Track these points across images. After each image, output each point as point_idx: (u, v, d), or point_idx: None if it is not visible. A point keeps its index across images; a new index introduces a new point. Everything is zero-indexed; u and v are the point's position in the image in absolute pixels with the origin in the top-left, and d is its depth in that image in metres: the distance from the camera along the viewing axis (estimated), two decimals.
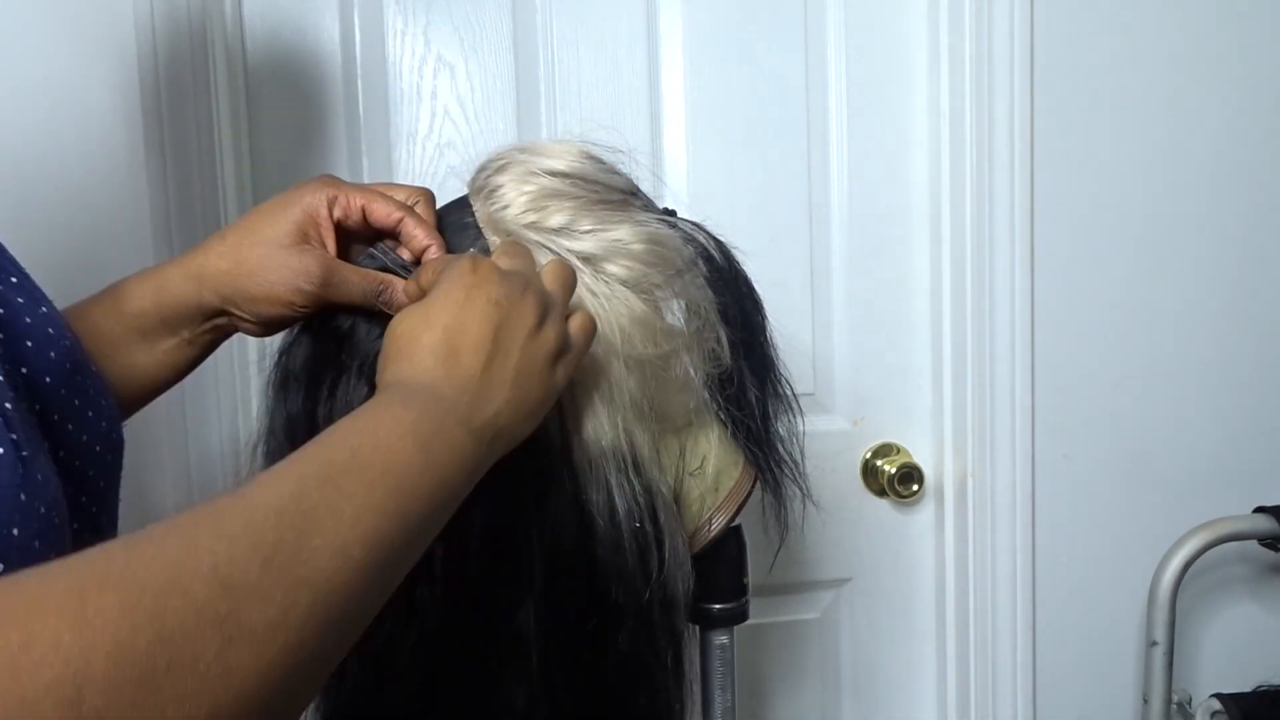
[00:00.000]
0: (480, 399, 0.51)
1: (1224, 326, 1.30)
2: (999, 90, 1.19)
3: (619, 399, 0.62)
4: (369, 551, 0.41)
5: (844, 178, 1.24)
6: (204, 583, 0.34)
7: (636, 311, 0.62)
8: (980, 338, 1.22)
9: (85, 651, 0.31)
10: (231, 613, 0.34)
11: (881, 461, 1.28)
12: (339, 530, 0.40)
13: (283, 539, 0.38)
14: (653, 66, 1.20)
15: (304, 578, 0.38)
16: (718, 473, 0.69)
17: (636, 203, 0.67)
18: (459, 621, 0.61)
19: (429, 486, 0.46)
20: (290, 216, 0.62)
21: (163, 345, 0.64)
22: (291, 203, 0.63)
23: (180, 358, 0.65)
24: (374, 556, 0.41)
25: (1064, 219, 1.24)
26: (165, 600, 0.33)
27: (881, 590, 1.31)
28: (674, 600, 0.66)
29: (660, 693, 0.66)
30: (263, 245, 0.62)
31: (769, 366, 0.72)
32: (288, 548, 0.38)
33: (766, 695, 1.30)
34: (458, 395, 0.50)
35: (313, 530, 0.39)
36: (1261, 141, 1.28)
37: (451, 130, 1.15)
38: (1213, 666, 1.35)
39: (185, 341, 0.65)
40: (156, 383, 0.66)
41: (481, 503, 0.60)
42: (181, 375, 0.67)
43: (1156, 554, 1.22)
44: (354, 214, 0.64)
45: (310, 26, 1.13)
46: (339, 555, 0.40)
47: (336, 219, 0.63)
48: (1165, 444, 1.30)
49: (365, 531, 0.41)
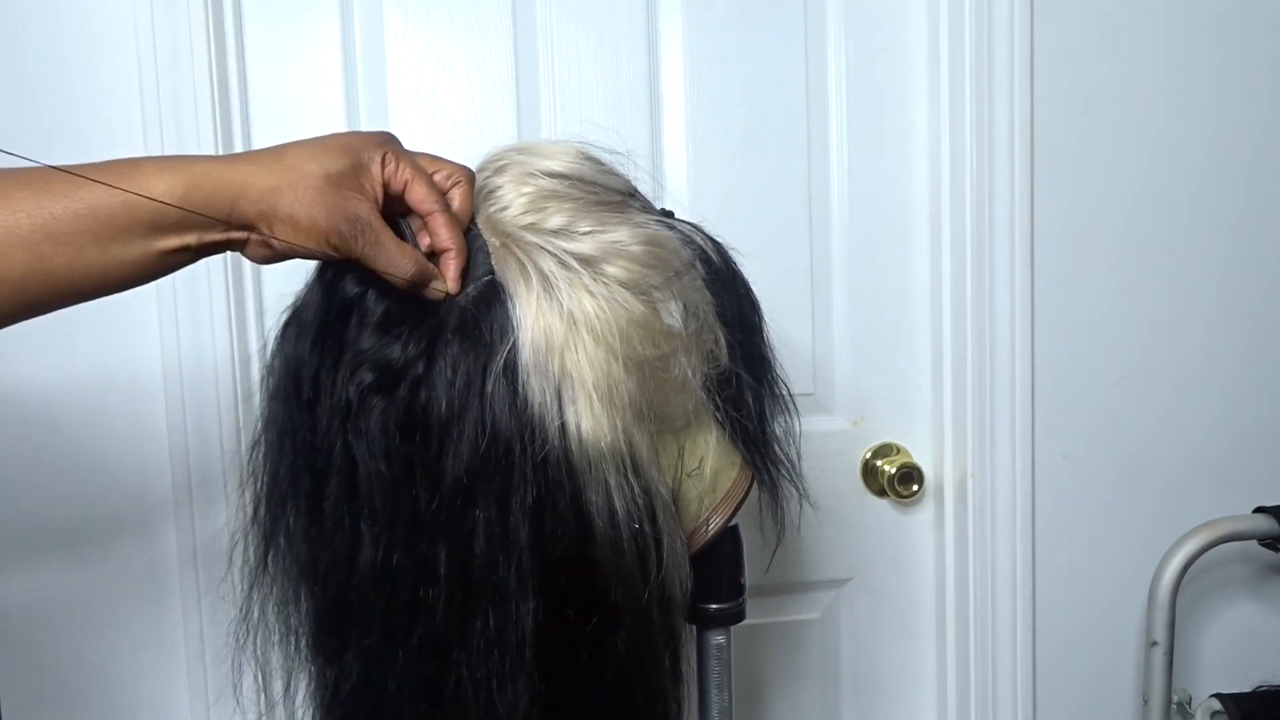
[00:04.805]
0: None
1: (1224, 326, 1.30)
2: (999, 90, 1.19)
3: (618, 400, 0.62)
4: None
5: (844, 178, 1.24)
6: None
7: (635, 313, 0.62)
8: (980, 338, 1.22)
9: None
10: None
11: (881, 462, 1.28)
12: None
13: None
14: (653, 66, 1.20)
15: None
16: (715, 473, 0.70)
17: (635, 204, 0.67)
18: (460, 622, 0.61)
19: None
20: (349, 159, 0.60)
21: (164, 245, 0.58)
22: (353, 148, 0.61)
23: (172, 263, 0.60)
24: None
25: (1064, 219, 1.24)
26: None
27: (881, 590, 1.31)
28: (672, 601, 0.66)
29: (658, 693, 0.66)
30: (320, 175, 0.59)
31: (766, 367, 0.72)
32: None
33: (766, 695, 1.30)
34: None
35: None
36: (1261, 142, 1.28)
37: (451, 130, 1.15)
38: (1213, 666, 1.35)
39: (188, 249, 0.59)
40: (125, 284, 0.60)
41: (482, 504, 0.60)
42: (148, 281, 0.61)
43: (1156, 554, 1.22)
44: (397, 184, 0.63)
45: (310, 26, 1.13)
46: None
47: (385, 179, 0.62)
48: (1165, 444, 1.30)
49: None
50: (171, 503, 1.09)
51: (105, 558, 1.09)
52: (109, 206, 0.56)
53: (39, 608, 1.08)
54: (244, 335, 1.11)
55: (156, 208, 0.56)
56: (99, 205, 0.56)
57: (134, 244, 0.57)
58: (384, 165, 0.62)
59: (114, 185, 0.56)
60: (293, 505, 0.65)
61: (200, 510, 1.09)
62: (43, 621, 1.08)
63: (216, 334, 1.08)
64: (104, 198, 0.56)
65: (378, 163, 0.62)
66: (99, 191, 0.55)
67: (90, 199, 0.55)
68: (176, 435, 1.08)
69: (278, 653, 0.69)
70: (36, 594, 1.08)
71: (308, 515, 0.64)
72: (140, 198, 0.56)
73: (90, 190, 0.55)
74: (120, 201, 0.56)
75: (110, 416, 1.08)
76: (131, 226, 0.57)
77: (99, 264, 0.57)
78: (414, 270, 0.61)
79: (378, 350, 0.61)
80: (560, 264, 0.62)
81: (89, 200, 0.55)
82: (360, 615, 0.63)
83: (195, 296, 1.07)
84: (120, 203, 0.56)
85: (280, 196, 0.58)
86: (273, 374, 0.66)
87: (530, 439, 0.60)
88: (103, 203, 0.56)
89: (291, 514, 0.66)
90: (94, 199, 0.56)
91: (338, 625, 0.64)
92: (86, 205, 0.56)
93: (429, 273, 0.62)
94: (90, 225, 0.56)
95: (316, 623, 0.66)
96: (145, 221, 0.57)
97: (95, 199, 0.56)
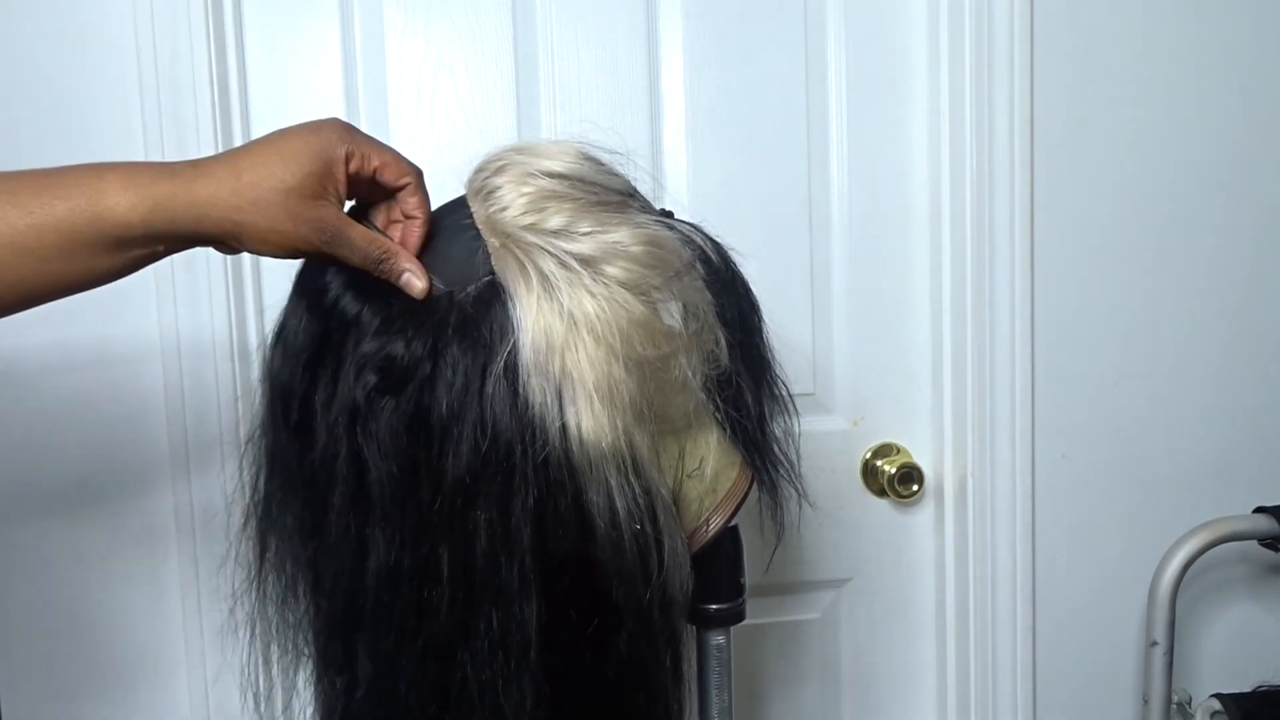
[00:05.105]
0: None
1: (1224, 326, 1.30)
2: (999, 90, 1.19)
3: (618, 400, 0.62)
4: None
5: (844, 178, 1.24)
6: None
7: (635, 313, 0.62)
8: (980, 338, 1.22)
9: None
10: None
11: (881, 462, 1.28)
12: None
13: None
14: (653, 66, 1.20)
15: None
16: (716, 474, 0.70)
17: (634, 204, 0.67)
18: (464, 623, 0.61)
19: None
20: (309, 166, 0.61)
21: (131, 255, 0.60)
22: (311, 153, 0.62)
23: (140, 265, 0.61)
24: None
25: (1064, 219, 1.24)
26: None
27: (881, 590, 1.31)
28: (673, 601, 0.66)
29: (659, 693, 0.66)
30: (282, 190, 0.60)
31: (765, 367, 0.72)
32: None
33: (766, 695, 1.30)
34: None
35: None
36: (1262, 141, 1.28)
37: (451, 130, 1.15)
38: (1213, 666, 1.35)
39: (157, 254, 0.61)
40: (98, 284, 0.61)
41: (484, 505, 0.60)
42: (122, 278, 0.62)
43: (1156, 554, 1.22)
44: (367, 171, 0.64)
45: (310, 26, 1.13)
46: None
47: (351, 172, 0.63)
48: (1165, 444, 1.30)
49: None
50: (171, 503, 1.09)
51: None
52: (73, 224, 0.57)
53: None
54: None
55: (122, 224, 0.57)
56: (64, 222, 0.57)
57: (100, 256, 0.58)
58: (348, 163, 0.63)
59: (80, 206, 0.56)
60: (288, 522, 0.66)
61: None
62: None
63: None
64: (68, 216, 0.56)
65: (341, 162, 0.62)
66: (64, 209, 0.56)
67: (55, 215, 0.56)
68: (176, 432, 1.08)
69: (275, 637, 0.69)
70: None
71: (310, 530, 0.64)
72: (107, 214, 0.57)
73: (54, 207, 0.56)
74: (85, 219, 0.57)
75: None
76: (97, 241, 0.58)
77: (66, 273, 0.58)
78: (377, 254, 0.63)
79: (382, 352, 0.61)
80: (560, 264, 0.62)
81: (54, 216, 0.56)
82: (372, 621, 0.63)
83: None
84: (85, 220, 0.57)
85: (244, 215, 0.60)
86: (262, 398, 0.66)
87: (531, 440, 0.60)
88: (67, 220, 0.56)
89: (286, 533, 0.66)
90: (58, 215, 0.56)
91: (347, 634, 0.64)
92: (52, 221, 0.56)
93: (393, 252, 0.63)
94: (55, 240, 0.56)
95: (325, 634, 0.66)
96: (112, 238, 0.58)
97: (59, 216, 0.56)
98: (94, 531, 1.09)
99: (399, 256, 0.63)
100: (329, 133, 0.63)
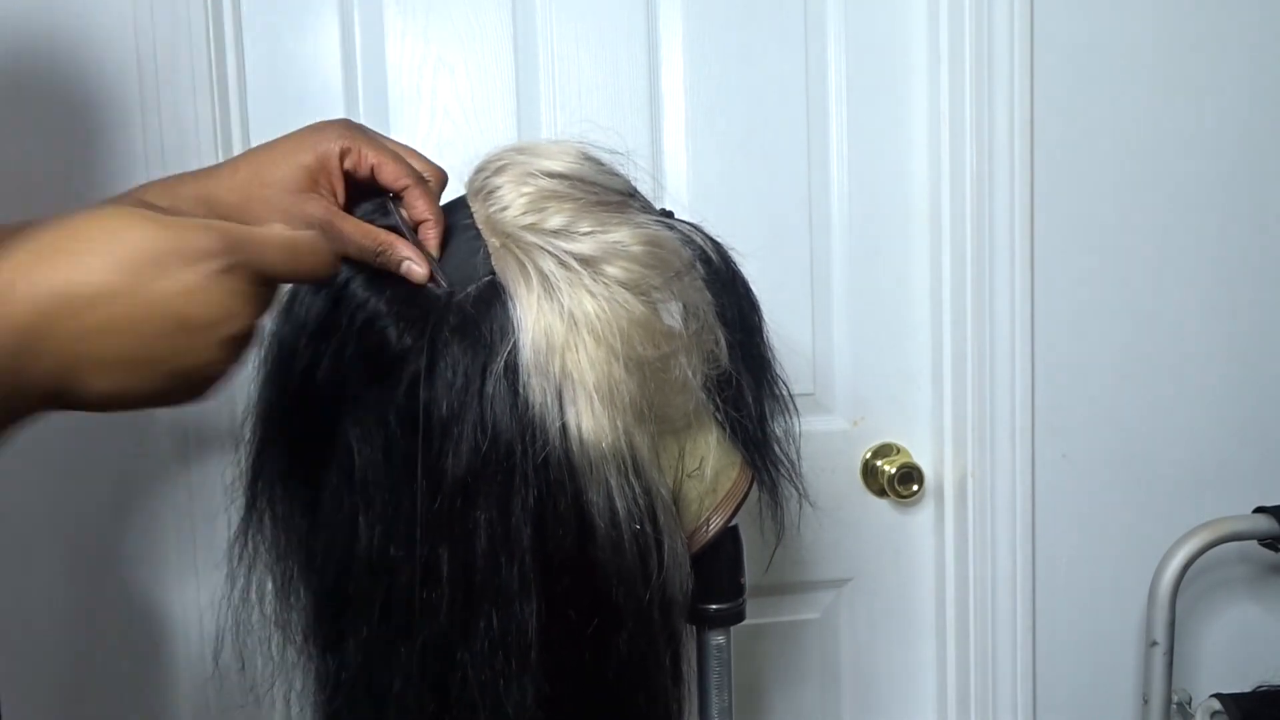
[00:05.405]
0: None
1: (1224, 326, 1.30)
2: (999, 90, 1.19)
3: (618, 401, 0.62)
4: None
5: (844, 178, 1.24)
6: None
7: (635, 313, 0.62)
8: (980, 338, 1.22)
9: None
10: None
11: (881, 462, 1.28)
12: None
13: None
14: (653, 66, 1.20)
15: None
16: (716, 474, 0.70)
17: (635, 204, 0.67)
18: (464, 623, 0.61)
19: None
20: (302, 161, 0.63)
21: None
22: (306, 147, 0.64)
23: None
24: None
25: (1064, 219, 1.24)
26: None
27: (881, 590, 1.31)
28: (673, 601, 0.66)
29: (659, 693, 0.66)
30: (272, 187, 0.62)
31: (765, 367, 0.72)
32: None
33: (766, 695, 1.30)
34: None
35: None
36: (1262, 141, 1.28)
37: (451, 130, 1.15)
38: (1213, 666, 1.35)
39: None
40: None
41: (483, 505, 0.60)
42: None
43: (1156, 554, 1.22)
44: (364, 169, 0.65)
45: (310, 27, 1.13)
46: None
47: (346, 169, 0.64)
48: (1165, 444, 1.30)
49: None
50: (171, 502, 1.09)
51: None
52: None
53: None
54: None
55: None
56: None
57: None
58: (342, 160, 0.64)
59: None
60: (285, 488, 0.66)
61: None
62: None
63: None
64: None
65: (335, 158, 0.63)
66: None
67: None
68: (177, 431, 1.08)
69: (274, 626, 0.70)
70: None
71: (303, 499, 0.65)
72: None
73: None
74: None
75: None
76: None
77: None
78: (373, 245, 0.63)
79: (374, 338, 0.62)
80: (560, 264, 0.62)
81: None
82: (358, 605, 0.63)
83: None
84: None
85: (241, 216, 0.61)
86: (266, 363, 0.66)
87: (531, 440, 0.60)
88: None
89: (282, 499, 0.66)
90: None
91: (335, 613, 0.65)
92: None
93: (388, 243, 0.63)
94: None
95: (314, 610, 0.67)
96: None
97: None
98: (93, 528, 1.09)
99: (397, 246, 0.63)
100: (329, 129, 0.64)
